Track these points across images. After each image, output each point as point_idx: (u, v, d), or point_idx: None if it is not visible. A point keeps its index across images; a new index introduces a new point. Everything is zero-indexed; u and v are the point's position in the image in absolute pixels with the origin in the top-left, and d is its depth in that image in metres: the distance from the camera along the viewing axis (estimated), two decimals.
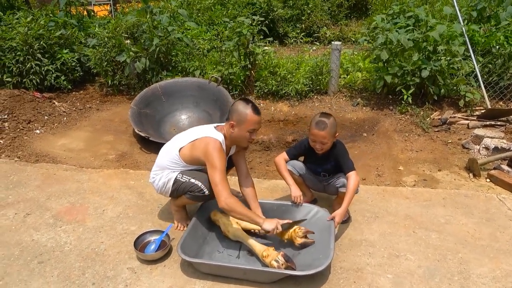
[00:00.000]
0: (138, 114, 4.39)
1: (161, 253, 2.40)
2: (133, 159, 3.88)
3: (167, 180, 2.52)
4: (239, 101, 2.45)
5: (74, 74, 5.54)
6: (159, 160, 2.59)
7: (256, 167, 3.92)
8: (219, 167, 2.31)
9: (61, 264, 2.40)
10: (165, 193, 2.58)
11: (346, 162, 2.59)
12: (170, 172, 2.54)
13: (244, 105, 2.40)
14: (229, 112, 2.46)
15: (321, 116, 2.55)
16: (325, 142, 2.52)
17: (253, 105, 2.43)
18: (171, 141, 2.63)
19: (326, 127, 2.48)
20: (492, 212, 2.89)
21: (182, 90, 4.79)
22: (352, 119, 4.80)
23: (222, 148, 2.38)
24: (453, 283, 2.24)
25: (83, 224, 2.78)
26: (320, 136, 2.51)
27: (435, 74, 4.60)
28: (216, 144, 2.36)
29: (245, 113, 2.38)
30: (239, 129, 2.41)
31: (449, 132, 4.33)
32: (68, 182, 3.34)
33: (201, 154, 2.39)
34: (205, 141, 2.39)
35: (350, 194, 2.47)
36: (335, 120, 2.59)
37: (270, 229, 2.31)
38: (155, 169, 2.61)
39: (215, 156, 2.32)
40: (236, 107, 2.42)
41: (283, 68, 5.22)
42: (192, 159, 2.48)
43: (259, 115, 2.43)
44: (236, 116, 2.40)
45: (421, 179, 3.44)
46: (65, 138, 4.27)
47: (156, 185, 2.58)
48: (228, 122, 2.45)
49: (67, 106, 5.06)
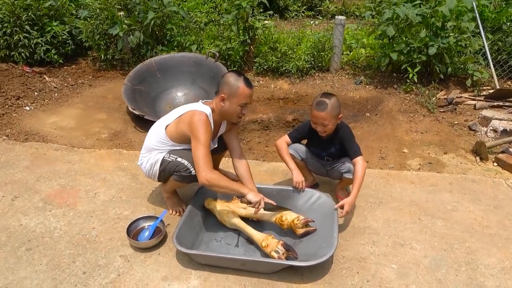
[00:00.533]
0: (132, 91, 4.20)
1: (155, 241, 2.28)
2: (126, 139, 3.73)
3: (155, 161, 2.39)
4: (230, 73, 2.31)
5: (66, 48, 5.31)
6: (147, 142, 2.46)
7: (255, 148, 3.78)
8: (202, 141, 2.16)
9: (51, 251, 2.28)
10: (153, 176, 2.45)
11: (352, 146, 2.45)
12: (158, 153, 2.40)
13: (235, 78, 2.26)
14: (219, 85, 2.30)
15: (322, 96, 2.39)
16: (326, 124, 2.37)
17: (245, 77, 2.29)
18: (157, 121, 2.49)
19: (326, 107, 2.32)
20: (500, 199, 2.78)
21: (178, 66, 4.58)
22: (354, 98, 4.63)
23: (208, 121, 2.23)
24: (460, 274, 2.15)
25: (73, 208, 2.65)
26: (320, 117, 2.35)
27: (443, 52, 4.41)
28: (202, 116, 2.21)
29: (237, 86, 2.24)
30: (230, 102, 2.27)
31: (455, 113, 4.17)
32: (58, 163, 3.19)
33: (186, 127, 2.25)
34: (191, 114, 2.25)
35: (359, 181, 2.34)
36: (338, 100, 2.41)
37: (253, 201, 2.23)
38: (143, 152, 2.47)
39: (200, 128, 2.17)
40: (227, 79, 2.27)
41: (283, 43, 4.99)
42: (178, 136, 2.33)
43: (251, 88, 2.30)
44: (227, 88, 2.25)
45: (427, 162, 3.31)
46: (56, 116, 4.10)
47: (144, 168, 2.45)
48: (218, 95, 2.30)
49: (59, 82, 4.85)
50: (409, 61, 4.54)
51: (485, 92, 4.51)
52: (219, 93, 2.29)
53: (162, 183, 2.54)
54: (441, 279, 2.11)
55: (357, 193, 2.34)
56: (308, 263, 1.98)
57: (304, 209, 2.49)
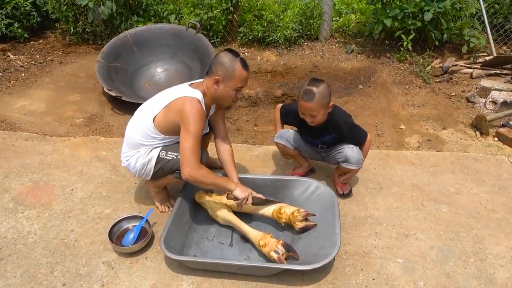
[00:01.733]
0: (107, 68, 3.84)
1: (141, 245, 2.08)
2: (104, 123, 3.43)
3: (148, 160, 2.13)
4: (226, 53, 2.04)
5: (30, 20, 4.83)
6: (130, 138, 2.17)
7: (244, 127, 3.54)
8: (193, 132, 1.94)
9: (25, 260, 2.06)
10: (146, 176, 2.19)
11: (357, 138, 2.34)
12: (149, 150, 2.14)
13: (232, 58, 2.01)
14: (212, 65, 2.04)
15: (309, 84, 2.11)
16: (314, 115, 2.14)
17: (242, 58, 2.05)
18: (138, 112, 2.21)
19: (313, 97, 2.07)
20: (504, 178, 2.65)
21: (156, 39, 4.20)
22: (346, 68, 4.38)
23: (202, 109, 2.00)
24: (468, 266, 2.03)
25: (49, 208, 2.41)
26: (308, 108, 2.11)
27: (438, 17, 4.15)
28: (194, 104, 1.97)
29: (234, 68, 2.00)
30: (225, 86, 2.04)
31: (451, 82, 3.99)
32: (29, 154, 2.90)
33: (176, 116, 2.00)
34: (181, 101, 2.00)
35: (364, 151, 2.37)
36: (328, 87, 2.14)
37: (240, 197, 2.08)
38: (127, 150, 2.19)
39: (192, 118, 1.94)
40: (221, 59, 2.01)
41: (269, 11, 4.63)
42: (170, 126, 2.07)
43: (248, 71, 2.08)
44: (222, 70, 2.00)
45: (425, 139, 3.15)
46: (24, 99, 3.74)
47: (133, 169, 2.17)
48: (210, 76, 2.05)
49: (25, 60, 4.42)
50: (403, 27, 4.28)
51: (481, 59, 4.32)
52: (212, 74, 2.03)
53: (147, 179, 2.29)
54: (450, 273, 1.99)
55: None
56: (310, 267, 1.82)
57: (301, 200, 2.31)
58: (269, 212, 2.20)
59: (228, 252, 2.09)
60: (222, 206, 2.20)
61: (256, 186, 2.34)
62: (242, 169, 2.76)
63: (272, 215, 2.19)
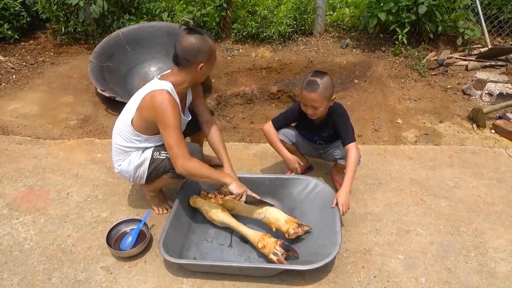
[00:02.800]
0: (99, 69, 3.78)
1: (140, 248, 2.05)
2: (98, 124, 3.38)
3: (141, 162, 2.08)
4: (190, 36, 1.87)
5: (20, 21, 4.75)
6: (117, 145, 2.11)
7: (240, 125, 3.52)
8: (171, 124, 1.87)
9: (22, 267, 2.03)
10: (140, 179, 2.15)
11: (346, 132, 2.20)
12: (140, 152, 2.09)
13: (201, 38, 1.88)
14: (187, 56, 1.88)
15: (313, 75, 2.09)
16: (316, 106, 2.10)
17: (205, 32, 1.93)
18: (118, 119, 2.13)
19: (317, 88, 2.04)
20: (502, 171, 2.65)
21: (149, 37, 4.14)
22: (341, 63, 4.35)
23: (172, 98, 1.90)
24: (469, 260, 2.02)
25: (44, 213, 2.37)
26: (311, 99, 2.08)
27: (433, 9, 4.13)
28: (163, 95, 1.89)
29: (209, 46, 1.91)
30: (207, 67, 1.98)
31: (447, 75, 3.98)
32: (23, 159, 2.86)
33: (149, 113, 1.93)
34: (150, 97, 1.92)
35: (351, 170, 2.11)
36: (331, 79, 2.13)
37: (235, 192, 2.03)
38: (117, 156, 2.13)
39: (165, 111, 1.86)
40: (195, 45, 1.86)
41: (263, 6, 4.58)
42: (147, 125, 2.00)
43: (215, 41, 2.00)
44: (202, 55, 1.90)
45: (423, 133, 3.14)
46: (16, 102, 3.68)
47: (127, 172, 2.13)
48: (191, 66, 1.92)
49: (16, 61, 4.35)
50: (397, 21, 4.25)
51: (476, 51, 4.30)
52: (193, 64, 1.91)
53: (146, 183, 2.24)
54: (451, 268, 1.98)
55: (350, 184, 2.11)
56: (311, 267, 1.80)
57: (300, 198, 2.30)
58: (259, 217, 2.16)
59: (228, 253, 2.07)
60: (217, 209, 2.16)
61: (255, 185, 2.32)
62: (239, 167, 2.74)
63: (262, 220, 2.15)
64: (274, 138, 2.34)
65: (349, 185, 2.10)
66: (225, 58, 4.43)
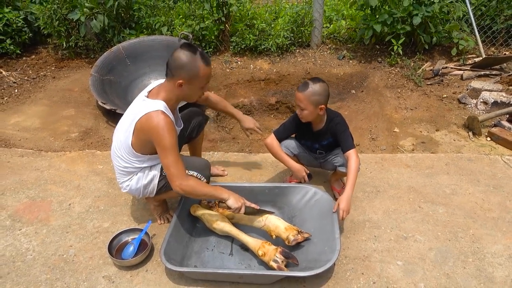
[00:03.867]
0: (100, 82, 3.85)
1: (141, 257, 2.07)
2: (99, 136, 3.43)
3: (150, 180, 2.10)
4: (182, 51, 1.86)
5: (22, 36, 4.83)
6: (121, 167, 2.11)
7: (239, 136, 3.56)
8: (168, 145, 1.86)
9: (24, 278, 2.05)
10: (150, 194, 2.17)
11: (345, 139, 2.25)
12: (147, 170, 2.11)
13: (190, 56, 1.85)
14: (172, 68, 1.88)
15: (310, 79, 2.20)
16: (302, 107, 2.17)
17: (202, 53, 1.90)
18: (114, 139, 2.13)
19: (306, 89, 2.14)
20: (499, 178, 2.68)
21: (149, 51, 4.22)
22: (338, 74, 4.42)
23: (168, 119, 1.88)
24: (467, 265, 2.05)
25: (46, 224, 2.40)
26: (297, 98, 2.18)
27: (427, 21, 4.22)
28: (159, 117, 1.86)
29: (197, 68, 1.86)
30: (190, 87, 1.93)
31: (442, 85, 4.04)
32: (25, 171, 2.89)
33: (146, 135, 1.92)
34: (146, 119, 1.89)
35: (352, 179, 2.15)
36: (325, 89, 2.17)
37: (233, 207, 2.03)
38: (123, 178, 2.14)
39: (162, 132, 1.85)
40: (181, 61, 1.85)
41: (260, 19, 4.67)
42: (147, 145, 1.99)
43: (210, 66, 1.94)
44: (184, 73, 1.86)
45: (419, 141, 3.18)
46: (18, 115, 3.73)
47: (136, 190, 2.13)
48: (172, 79, 1.90)
49: (18, 75, 4.42)
50: (392, 32, 4.34)
51: (470, 60, 4.38)
52: (173, 78, 1.88)
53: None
54: (449, 274, 2.00)
55: (352, 190, 2.14)
56: (311, 273, 1.82)
57: (300, 206, 2.33)
58: (259, 225, 2.18)
59: (228, 262, 2.09)
60: (218, 218, 2.19)
61: (254, 194, 2.37)
62: (239, 177, 2.78)
63: (262, 228, 2.17)
64: (278, 150, 2.38)
65: (351, 190, 2.13)
66: (224, 71, 4.50)
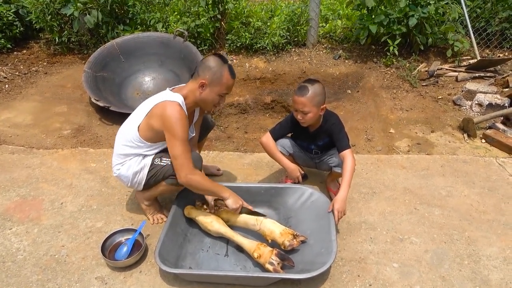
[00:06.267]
0: (93, 78, 3.79)
1: (135, 258, 2.04)
2: (92, 134, 3.37)
3: (140, 168, 2.10)
4: (214, 57, 2.03)
5: (13, 31, 4.75)
6: (119, 148, 2.15)
7: (234, 135, 3.54)
8: (179, 136, 1.93)
9: (15, 278, 2.00)
10: (138, 185, 2.16)
11: (341, 139, 2.24)
12: (140, 158, 2.11)
13: (220, 64, 2.00)
14: (199, 69, 2.02)
15: (305, 81, 2.18)
16: (306, 111, 2.15)
17: (230, 65, 2.06)
18: (124, 123, 2.19)
19: (306, 92, 2.11)
20: (493, 180, 2.69)
21: (143, 48, 4.17)
22: (334, 74, 4.41)
23: (183, 111, 1.98)
24: (463, 268, 2.05)
25: (38, 223, 2.35)
26: (300, 103, 2.14)
27: (423, 22, 4.22)
28: (175, 107, 1.95)
29: (221, 74, 2.00)
30: (211, 90, 2.03)
31: (437, 86, 4.05)
32: (16, 168, 2.83)
33: (158, 122, 1.98)
34: (162, 106, 1.98)
35: (347, 178, 2.13)
36: (323, 88, 2.18)
37: (231, 207, 2.11)
38: (117, 160, 2.15)
39: (175, 122, 1.92)
40: (209, 63, 2.00)
41: (256, 18, 4.64)
42: (153, 134, 2.05)
43: (234, 79, 2.09)
44: (210, 74, 1.99)
45: (415, 143, 3.18)
46: (9, 111, 3.66)
47: (125, 177, 2.14)
48: (196, 79, 2.03)
49: (8, 70, 4.33)
50: (388, 33, 4.33)
51: (465, 62, 4.40)
52: (198, 77, 2.02)
53: (140, 191, 2.25)
54: (445, 276, 2.00)
55: (347, 190, 2.13)
56: (307, 275, 1.80)
57: (296, 207, 2.31)
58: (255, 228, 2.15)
59: (224, 263, 2.07)
60: (212, 220, 2.16)
61: (250, 194, 2.34)
62: (234, 177, 2.75)
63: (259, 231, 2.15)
64: (273, 149, 2.36)
65: (346, 191, 2.12)
66: None
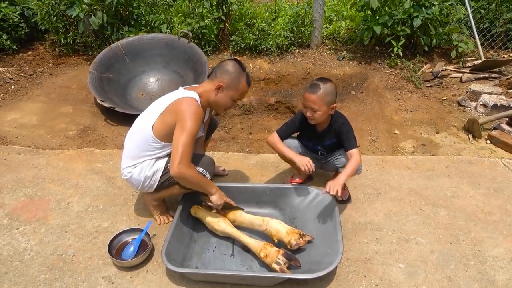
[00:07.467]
0: (99, 79, 3.81)
1: (142, 258, 2.05)
2: (97, 134, 3.39)
3: (153, 172, 2.09)
4: (234, 62, 2.09)
5: (19, 32, 4.78)
6: (130, 150, 2.12)
7: (239, 136, 3.55)
8: (190, 130, 1.92)
9: (22, 278, 2.01)
10: (149, 188, 2.15)
11: (349, 139, 2.25)
12: (153, 161, 2.10)
13: (239, 70, 2.08)
14: (218, 71, 2.08)
15: (317, 80, 2.20)
16: (315, 109, 2.15)
17: (248, 74, 2.14)
18: (135, 123, 2.17)
19: (318, 90, 2.12)
20: (499, 181, 2.69)
21: (148, 49, 4.19)
22: (338, 75, 4.41)
23: (200, 109, 2.00)
24: (469, 269, 2.05)
25: (45, 223, 2.36)
26: (311, 100, 2.14)
27: (427, 23, 4.22)
28: (193, 102, 1.98)
29: (239, 80, 2.08)
30: (226, 94, 2.08)
31: (442, 87, 4.05)
32: (22, 168, 2.85)
33: (173, 117, 1.97)
34: (179, 101, 2.00)
35: (349, 169, 2.15)
36: (335, 87, 2.20)
37: (215, 203, 2.11)
38: (128, 163, 2.13)
39: (189, 116, 1.93)
40: (229, 68, 2.07)
41: (260, 19, 4.65)
42: (168, 131, 2.00)
43: (249, 86, 2.17)
44: (228, 78, 2.06)
45: (420, 143, 3.18)
46: (15, 112, 3.68)
47: (136, 181, 2.11)
48: (213, 80, 2.08)
49: (14, 72, 4.36)
50: (392, 34, 4.34)
51: (470, 63, 4.40)
52: (216, 79, 2.07)
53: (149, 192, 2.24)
54: (451, 276, 2.00)
55: (344, 178, 2.12)
56: (313, 276, 1.81)
57: (301, 208, 2.32)
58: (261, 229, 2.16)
59: (230, 263, 2.07)
60: (219, 220, 2.17)
61: (256, 195, 2.37)
62: (239, 178, 2.76)
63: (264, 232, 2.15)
64: (280, 145, 2.36)
65: (344, 176, 2.13)
66: None
